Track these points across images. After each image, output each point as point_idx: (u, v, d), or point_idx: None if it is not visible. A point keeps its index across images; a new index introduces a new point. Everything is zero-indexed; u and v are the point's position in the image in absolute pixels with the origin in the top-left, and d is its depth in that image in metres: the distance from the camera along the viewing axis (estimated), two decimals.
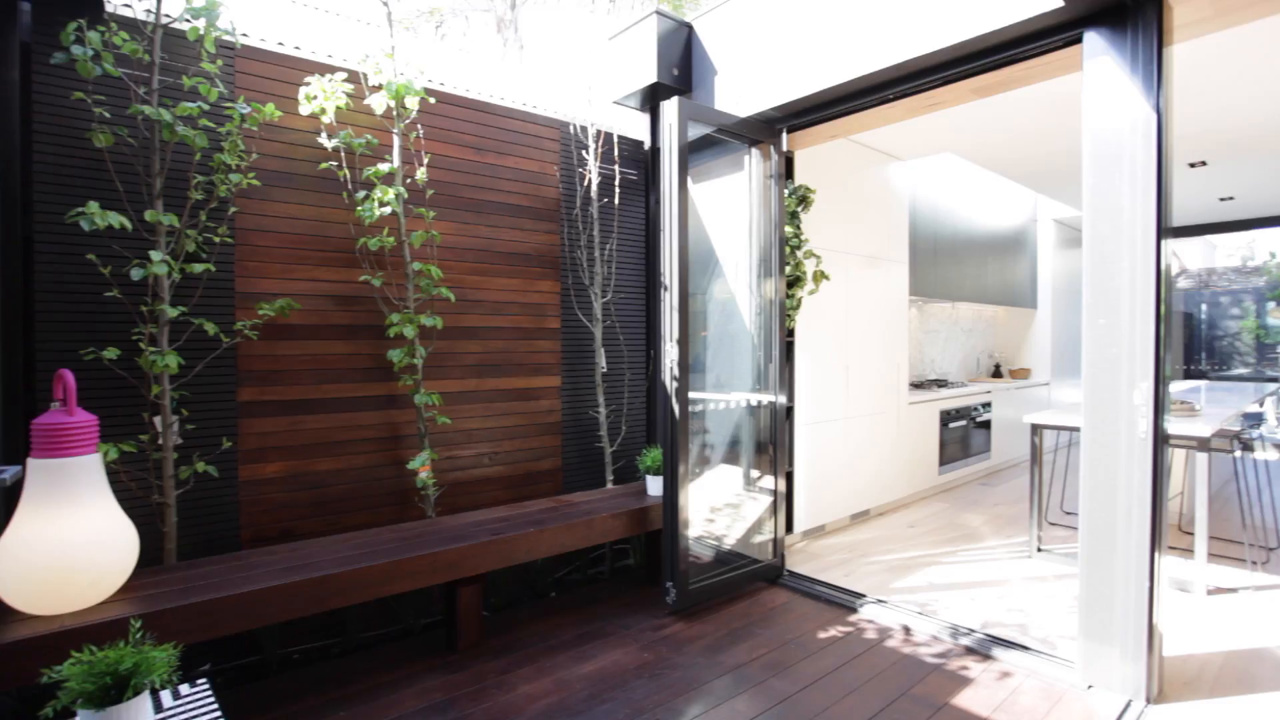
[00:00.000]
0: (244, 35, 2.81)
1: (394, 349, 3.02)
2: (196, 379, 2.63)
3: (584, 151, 3.84)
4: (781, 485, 3.62)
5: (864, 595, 3.33)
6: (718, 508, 3.66)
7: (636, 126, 4.24)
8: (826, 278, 3.98)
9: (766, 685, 2.52)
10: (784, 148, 3.63)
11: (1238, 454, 4.16)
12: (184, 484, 2.57)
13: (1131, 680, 2.39)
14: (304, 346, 2.93)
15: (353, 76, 3.02)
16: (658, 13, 3.67)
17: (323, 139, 2.92)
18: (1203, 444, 3.37)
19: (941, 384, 6.13)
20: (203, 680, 1.82)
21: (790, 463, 4.12)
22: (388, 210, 2.97)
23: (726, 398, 3.68)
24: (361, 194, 2.98)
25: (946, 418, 5.72)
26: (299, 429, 2.91)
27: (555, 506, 3.32)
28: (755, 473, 3.69)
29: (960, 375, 7.12)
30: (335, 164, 2.96)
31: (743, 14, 3.57)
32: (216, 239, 2.65)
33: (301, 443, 2.92)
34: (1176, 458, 4.27)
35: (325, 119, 2.91)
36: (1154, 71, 2.31)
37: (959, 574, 3.70)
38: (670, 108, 3.08)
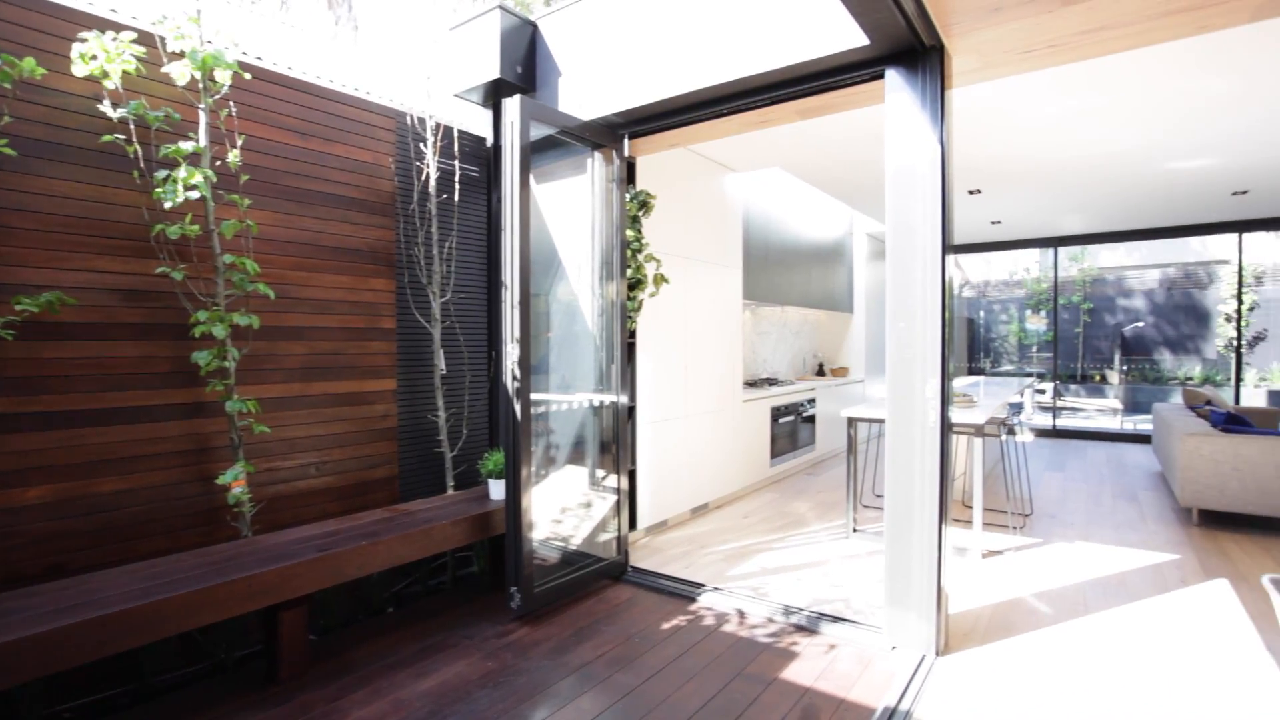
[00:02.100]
0: None
1: (200, 350, 2.69)
2: None
3: (422, 144, 3.68)
4: (624, 483, 3.71)
5: (703, 585, 3.51)
6: (563, 508, 3.67)
7: (479, 122, 4.14)
8: (666, 281, 4.14)
9: (611, 681, 2.57)
10: (626, 153, 3.72)
11: (1004, 437, 4.93)
12: None
13: (925, 638, 2.75)
14: (81, 348, 2.51)
15: (146, 38, 2.64)
16: (501, 8, 3.61)
17: (105, 107, 2.53)
18: (978, 430, 3.94)
19: (772, 382, 6.62)
20: None
21: (633, 461, 4.24)
22: (194, 195, 2.64)
23: (570, 398, 3.70)
24: (161, 174, 2.61)
25: (777, 414, 6.19)
26: (75, 445, 2.49)
27: (391, 516, 3.14)
28: (600, 472, 3.75)
29: (789, 374, 7.73)
30: (122, 137, 2.57)
31: (587, 18, 3.62)
32: None
33: (78, 461, 2.50)
34: (960, 442, 4.96)
35: (109, 84, 2.52)
36: (939, 110, 2.67)
37: (788, 557, 4.01)
38: (512, 106, 3.04)
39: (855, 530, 4.41)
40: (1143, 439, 8.57)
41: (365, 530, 2.92)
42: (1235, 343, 9.30)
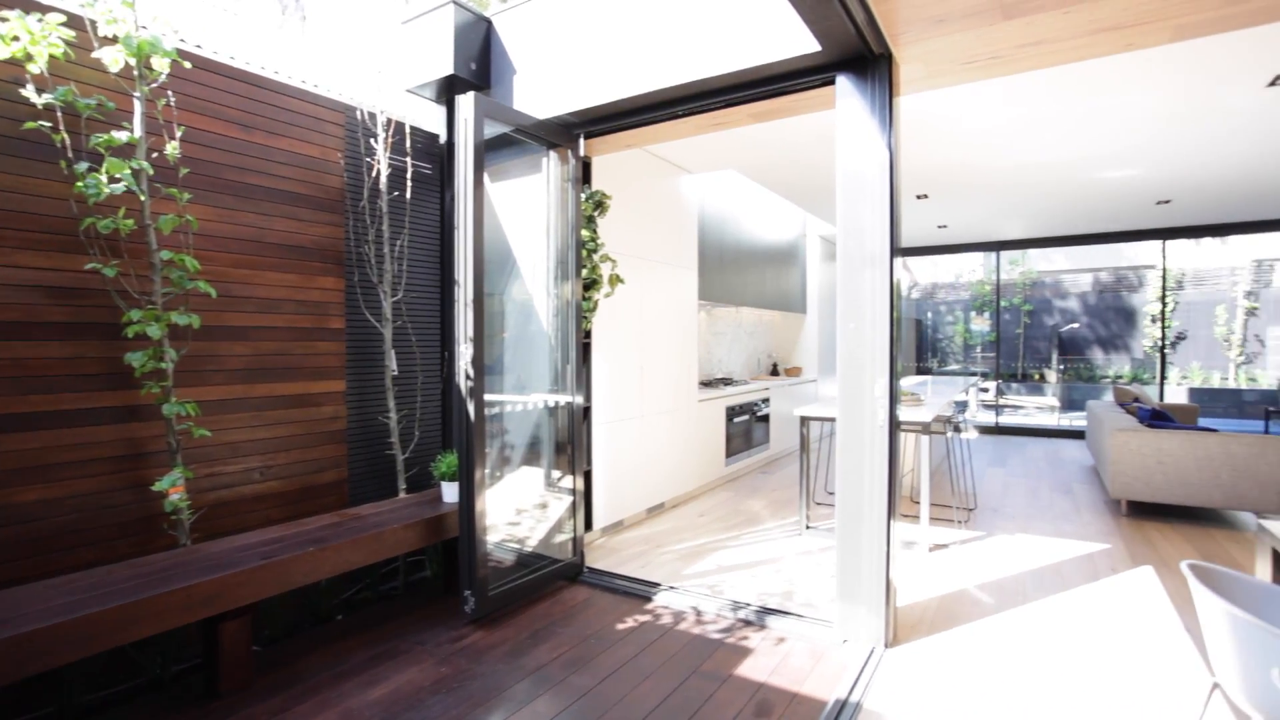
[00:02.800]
0: None
1: (134, 351, 2.57)
2: None
3: (373, 140, 3.59)
4: (580, 484, 3.70)
5: (659, 584, 3.53)
6: (518, 510, 3.64)
7: (432, 118, 4.06)
8: (622, 281, 4.14)
9: (567, 683, 2.56)
10: (581, 153, 3.71)
11: (950, 435, 5.10)
12: None
13: (875, 630, 2.82)
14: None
15: (75, 21, 2.50)
16: (454, 2, 3.55)
17: (29, 92, 2.38)
18: (926, 428, 4.06)
19: (727, 382, 6.70)
20: None
21: (588, 461, 4.23)
22: (119, 188, 2.51)
23: (525, 399, 3.67)
24: (83, 166, 2.48)
25: (732, 413, 6.27)
26: None
27: (340, 521, 3.06)
28: (556, 473, 3.73)
29: (744, 374, 7.83)
30: (48, 125, 2.43)
31: (543, 16, 3.59)
32: None
33: None
34: (908, 440, 5.11)
35: (33, 68, 2.38)
36: (888, 116, 2.75)
37: (743, 555, 4.07)
38: (466, 103, 3.00)
39: (808, 527, 4.50)
40: (1078, 435, 8.99)
41: (313, 536, 2.84)
42: (1160, 343, 9.84)
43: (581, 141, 3.70)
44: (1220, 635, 1.58)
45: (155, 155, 2.69)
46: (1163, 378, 9.35)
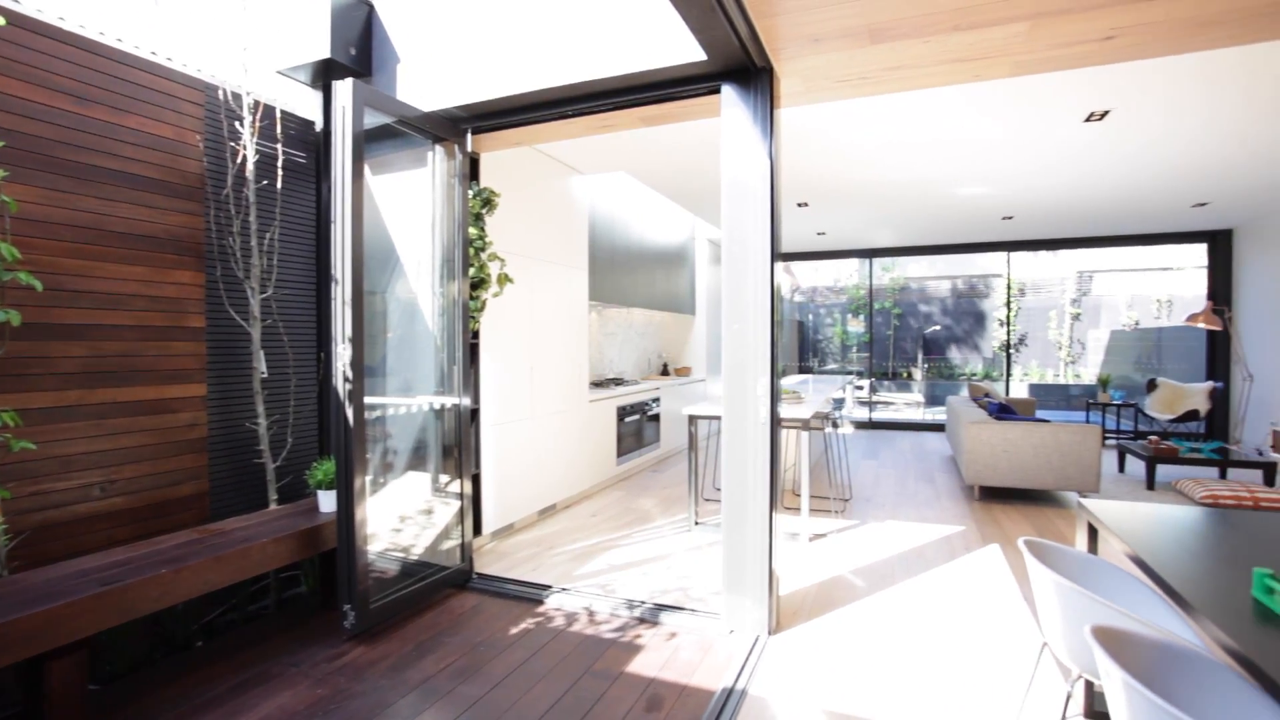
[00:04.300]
0: None
1: None
2: None
3: (238, 123, 3.31)
4: (468, 488, 3.60)
5: (551, 586, 3.50)
6: (403, 517, 3.48)
7: (307, 104, 3.80)
8: (511, 280, 4.08)
9: (456, 693, 2.48)
10: (469, 148, 3.62)
11: (828, 430, 5.41)
12: None
13: (759, 619, 2.95)
14: None
15: None
16: None
17: None
18: (805, 424, 4.29)
19: (619, 382, 6.76)
20: None
21: (477, 465, 4.13)
22: None
23: (409, 401, 3.52)
24: None
25: (623, 413, 6.33)
26: None
27: (200, 538, 2.80)
28: (444, 477, 3.61)
29: (635, 374, 7.93)
30: None
31: (429, 5, 3.46)
32: None
33: None
34: (789, 436, 5.39)
35: None
36: (769, 127, 2.88)
37: (635, 553, 4.11)
38: (344, 89, 2.83)
39: (697, 523, 4.63)
40: (940, 428, 9.85)
41: (166, 556, 2.57)
42: (1006, 344, 10.97)
43: (469, 137, 3.60)
44: (1047, 601, 1.79)
45: None
46: (1008, 375, 10.44)
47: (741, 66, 2.86)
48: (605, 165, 5.46)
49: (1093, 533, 2.29)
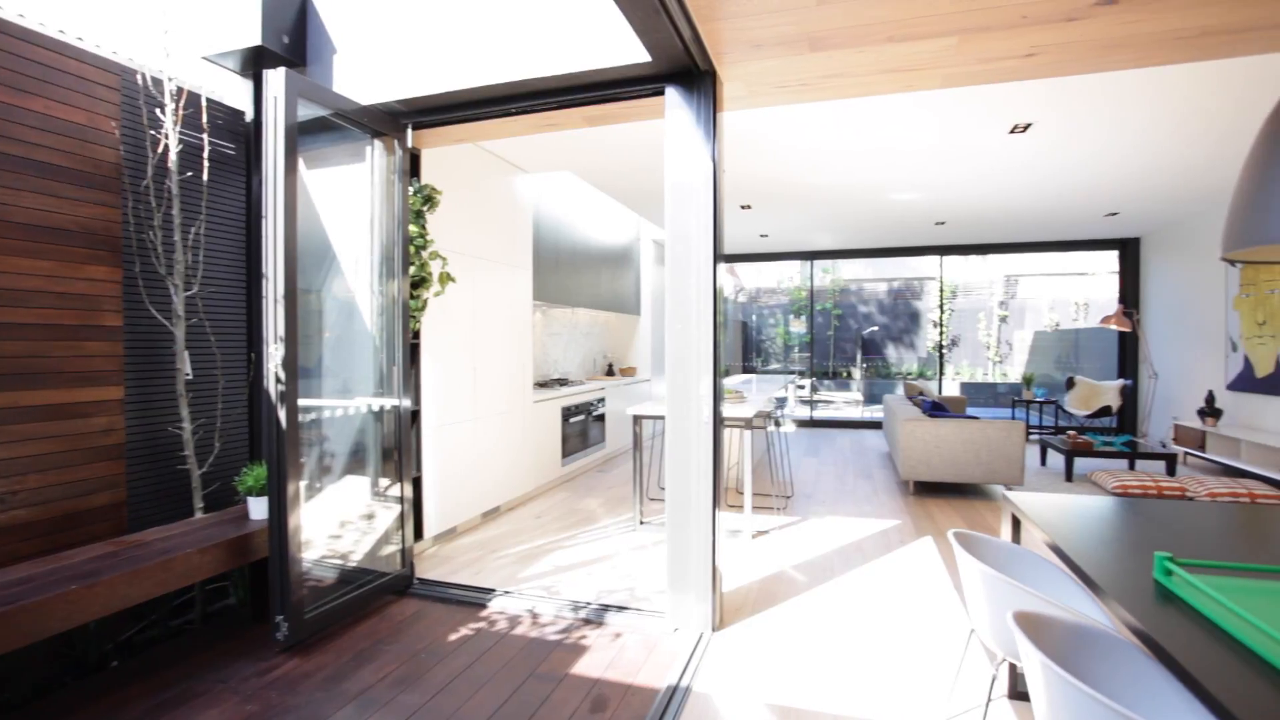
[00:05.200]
0: None
1: None
2: None
3: (159, 110, 3.13)
4: (409, 491, 3.51)
5: (494, 590, 3.45)
6: (340, 523, 3.37)
7: (237, 93, 3.63)
8: (453, 280, 4.00)
9: (396, 702, 2.42)
10: (409, 144, 3.53)
11: (770, 429, 5.52)
12: None
13: (703, 617, 2.98)
14: None
15: None
16: None
17: None
18: (748, 423, 4.37)
19: (563, 383, 6.72)
20: None
21: (418, 468, 4.04)
22: None
23: (347, 403, 3.41)
24: None
25: (568, 413, 6.30)
26: None
27: (115, 551, 2.63)
28: (384, 481, 3.51)
29: (580, 374, 7.90)
30: None
31: None
32: None
33: None
34: (732, 434, 5.47)
35: None
36: (712, 130, 2.92)
37: (580, 554, 4.10)
38: (277, 79, 2.72)
39: (642, 522, 4.65)
40: (877, 425, 10.18)
41: (76, 571, 2.41)
42: (939, 344, 11.45)
43: (409, 132, 3.52)
44: (974, 589, 1.87)
45: None
46: (941, 374, 10.89)
47: (685, 69, 2.89)
48: (550, 164, 5.42)
49: (1016, 523, 2.41)
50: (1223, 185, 5.84)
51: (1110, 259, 9.37)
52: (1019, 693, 2.44)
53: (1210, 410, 6.67)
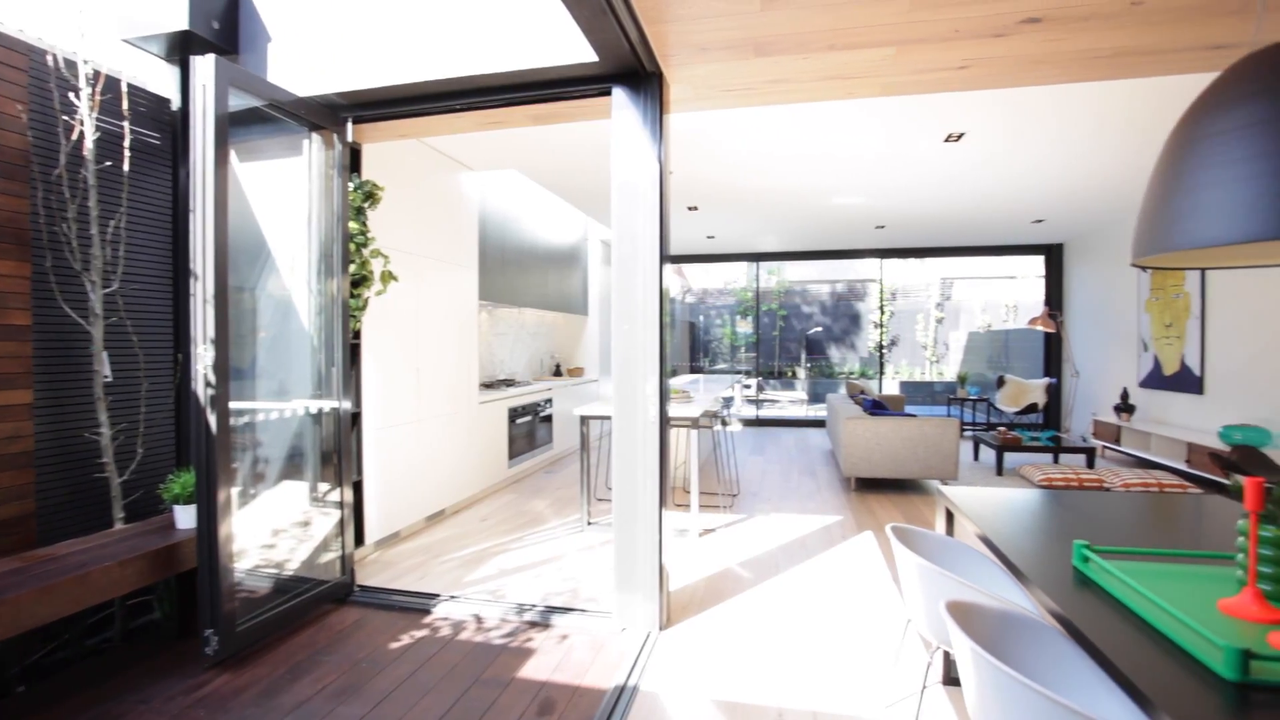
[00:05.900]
0: None
1: None
2: None
3: (74, 95, 2.95)
4: (349, 496, 3.41)
5: (438, 595, 3.38)
6: (275, 530, 3.24)
7: (162, 79, 3.44)
8: (395, 279, 3.90)
9: (335, 715, 2.34)
10: (349, 138, 3.43)
11: (717, 428, 5.59)
12: None
13: (650, 616, 3.00)
14: None
15: None
16: None
17: None
18: (694, 423, 4.41)
19: (510, 383, 6.64)
20: None
21: (358, 471, 3.92)
22: None
23: (283, 406, 3.28)
24: None
25: (515, 414, 6.23)
26: None
27: (22, 566, 2.46)
28: (323, 486, 3.39)
29: (527, 375, 7.82)
30: None
31: None
32: None
33: None
34: (679, 434, 5.51)
35: None
36: (659, 131, 2.93)
37: (527, 556, 4.06)
38: (206, 66, 2.60)
39: (590, 523, 4.64)
40: (821, 424, 10.43)
41: None
42: (879, 344, 11.82)
43: (349, 126, 3.41)
44: (910, 580, 1.94)
45: None
46: (881, 373, 11.26)
47: (632, 70, 2.90)
48: (497, 162, 5.35)
49: (950, 516, 2.51)
50: (1137, 195, 6.23)
51: (1037, 263, 9.87)
52: (952, 678, 2.54)
53: (1125, 406, 7.11)
